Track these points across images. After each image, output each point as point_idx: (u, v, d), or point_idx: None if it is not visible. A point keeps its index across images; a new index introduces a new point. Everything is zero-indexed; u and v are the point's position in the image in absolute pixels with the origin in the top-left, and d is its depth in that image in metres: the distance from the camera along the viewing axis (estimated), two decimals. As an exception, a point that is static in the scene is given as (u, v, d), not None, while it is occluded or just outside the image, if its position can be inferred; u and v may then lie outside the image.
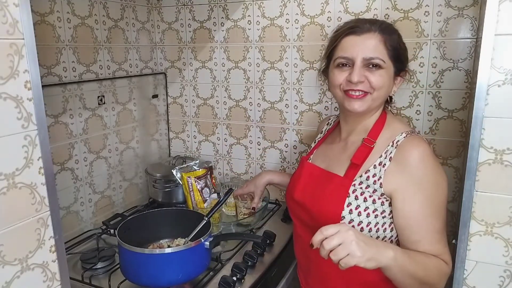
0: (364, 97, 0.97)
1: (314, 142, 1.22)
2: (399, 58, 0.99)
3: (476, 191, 0.91)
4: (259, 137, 1.76)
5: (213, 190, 1.59)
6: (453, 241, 0.99)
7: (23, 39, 0.67)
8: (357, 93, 0.97)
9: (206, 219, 1.18)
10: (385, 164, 0.95)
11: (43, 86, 0.71)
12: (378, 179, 0.95)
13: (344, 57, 0.97)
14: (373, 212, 0.94)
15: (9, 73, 0.65)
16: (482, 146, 0.89)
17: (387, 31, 0.97)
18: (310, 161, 1.13)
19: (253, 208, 1.44)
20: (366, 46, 0.95)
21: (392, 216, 0.96)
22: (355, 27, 0.97)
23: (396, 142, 0.96)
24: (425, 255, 0.92)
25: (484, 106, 0.87)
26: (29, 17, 0.67)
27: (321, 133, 1.22)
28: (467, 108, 1.35)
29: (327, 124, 1.22)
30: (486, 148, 0.89)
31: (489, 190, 0.90)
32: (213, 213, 1.24)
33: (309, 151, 1.21)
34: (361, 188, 0.96)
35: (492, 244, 0.92)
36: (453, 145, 1.41)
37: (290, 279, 1.35)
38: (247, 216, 1.46)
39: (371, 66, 0.95)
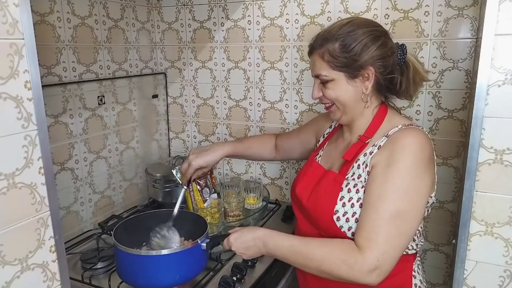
0: (331, 108, 1.05)
1: (319, 141, 1.23)
2: (347, 64, 0.96)
3: (476, 191, 0.91)
4: (259, 137, 1.75)
5: (213, 190, 1.58)
6: (453, 241, 0.99)
7: (23, 39, 0.67)
8: (326, 105, 1.06)
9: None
10: (372, 152, 0.96)
11: (43, 86, 0.71)
12: (365, 167, 0.96)
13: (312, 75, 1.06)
14: None
15: (9, 73, 0.65)
16: (482, 146, 0.89)
17: (325, 43, 0.98)
18: (318, 161, 1.14)
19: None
20: (313, 65, 1.03)
21: None
22: (310, 47, 1.04)
23: (390, 133, 0.97)
24: (328, 245, 0.93)
25: (484, 106, 0.87)
26: (29, 17, 0.67)
27: (322, 136, 1.23)
28: (467, 108, 1.35)
29: (330, 127, 1.22)
30: (486, 148, 0.89)
31: (489, 190, 0.90)
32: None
33: (317, 146, 1.23)
34: (353, 179, 0.98)
35: (492, 244, 0.92)
36: (453, 145, 1.41)
37: (290, 279, 1.35)
38: (235, 220, 1.45)
39: (324, 81, 1.01)
